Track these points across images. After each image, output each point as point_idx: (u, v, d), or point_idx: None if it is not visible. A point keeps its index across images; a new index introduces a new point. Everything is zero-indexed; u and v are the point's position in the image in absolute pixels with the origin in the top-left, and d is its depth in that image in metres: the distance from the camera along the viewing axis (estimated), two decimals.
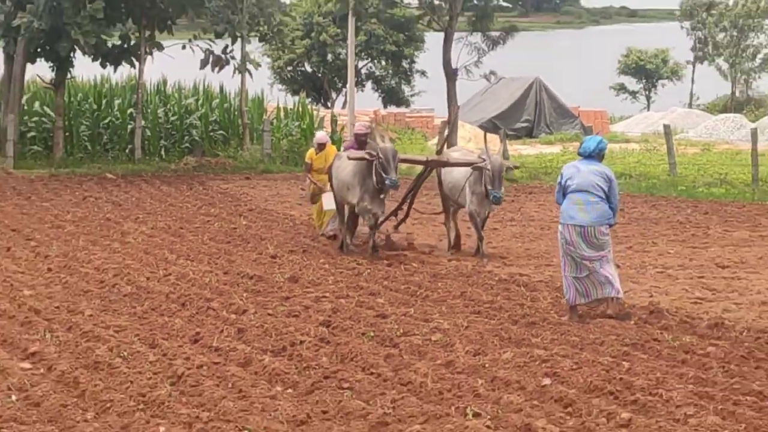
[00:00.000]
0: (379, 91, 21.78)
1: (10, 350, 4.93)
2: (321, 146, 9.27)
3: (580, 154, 6.32)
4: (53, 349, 4.87)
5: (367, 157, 8.04)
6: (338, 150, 9.54)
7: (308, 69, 21.53)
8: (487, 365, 4.53)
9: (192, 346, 5.01)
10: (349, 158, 8.24)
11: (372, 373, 4.41)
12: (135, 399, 3.92)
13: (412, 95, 22.40)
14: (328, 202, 8.72)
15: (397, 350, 4.85)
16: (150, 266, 7.48)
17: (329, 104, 20.73)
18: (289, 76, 21.52)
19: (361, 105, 19.18)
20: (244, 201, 11.94)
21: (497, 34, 15.46)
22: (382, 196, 8.24)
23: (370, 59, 21.13)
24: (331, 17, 18.93)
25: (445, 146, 9.90)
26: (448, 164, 8.62)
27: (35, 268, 7.50)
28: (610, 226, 6.09)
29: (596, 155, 6.19)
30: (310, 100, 20.32)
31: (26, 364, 4.61)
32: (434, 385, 4.15)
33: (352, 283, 6.85)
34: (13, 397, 4.00)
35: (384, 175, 7.86)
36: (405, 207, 8.96)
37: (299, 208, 11.07)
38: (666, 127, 14.81)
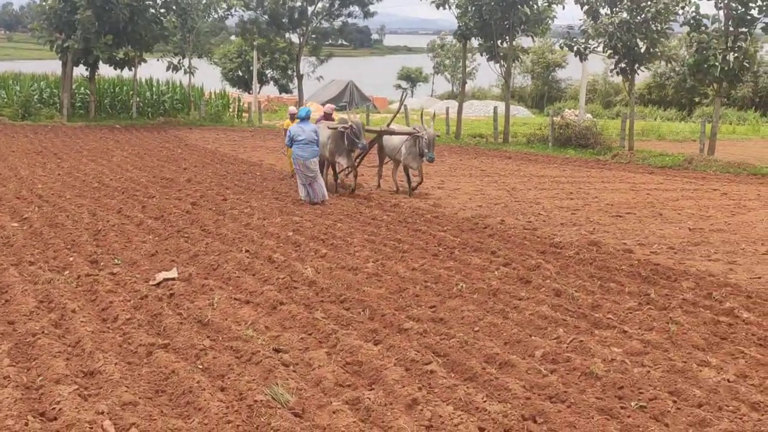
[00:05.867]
0: (277, 86, 55.95)
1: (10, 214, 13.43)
2: (292, 117, 18.07)
3: (299, 118, 16.16)
4: (35, 216, 13.15)
5: (340, 128, 16.53)
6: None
7: (240, 74, 54.24)
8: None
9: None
10: (329, 128, 16.73)
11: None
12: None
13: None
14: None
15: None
16: (116, 172, 19.67)
17: (249, 92, 49.41)
18: (232, 77, 55.25)
19: (265, 92, 56.31)
20: (184, 140, 29.69)
21: (323, 57, 48.88)
22: (353, 154, 17.18)
23: (272, 69, 52.63)
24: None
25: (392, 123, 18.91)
26: (393, 133, 17.82)
27: (51, 172, 19.05)
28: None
29: (307, 119, 16.05)
30: (240, 89, 52.90)
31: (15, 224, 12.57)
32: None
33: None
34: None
35: (356, 140, 16.37)
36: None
37: (215, 143, 29.00)
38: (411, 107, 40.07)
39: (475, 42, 35.74)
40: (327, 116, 18.40)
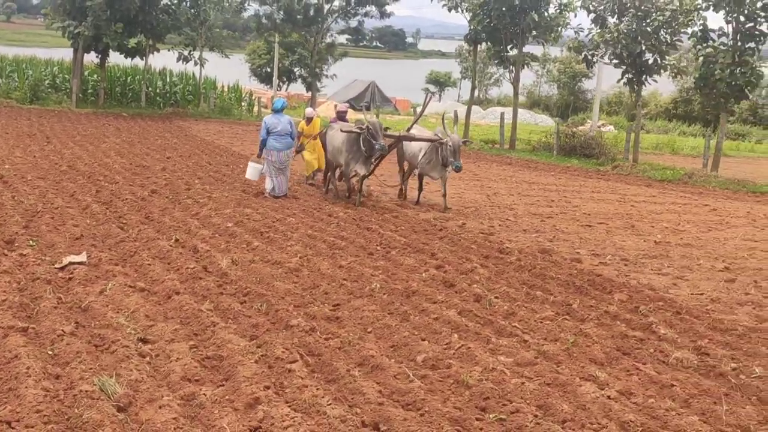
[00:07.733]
0: (304, 84, 54.69)
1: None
2: (309, 119, 17.32)
3: (274, 110, 15.35)
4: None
5: (357, 130, 14.74)
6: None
7: (268, 70, 52.77)
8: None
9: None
10: (342, 131, 15.08)
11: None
12: None
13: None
14: (251, 172, 15.67)
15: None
16: (96, 157, 19.44)
17: (271, 88, 47.41)
18: (260, 72, 57.97)
19: (293, 90, 59.40)
20: (185, 131, 29.30)
21: (338, 57, 50.04)
22: (373, 160, 15.25)
23: (300, 67, 53.19)
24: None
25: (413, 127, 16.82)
26: (414, 139, 15.77)
27: (29, 154, 18.88)
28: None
29: (282, 110, 15.28)
30: (268, 86, 53.32)
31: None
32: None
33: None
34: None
35: (374, 142, 14.44)
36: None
37: (216, 135, 28.90)
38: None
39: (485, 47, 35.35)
40: (340, 116, 17.34)
